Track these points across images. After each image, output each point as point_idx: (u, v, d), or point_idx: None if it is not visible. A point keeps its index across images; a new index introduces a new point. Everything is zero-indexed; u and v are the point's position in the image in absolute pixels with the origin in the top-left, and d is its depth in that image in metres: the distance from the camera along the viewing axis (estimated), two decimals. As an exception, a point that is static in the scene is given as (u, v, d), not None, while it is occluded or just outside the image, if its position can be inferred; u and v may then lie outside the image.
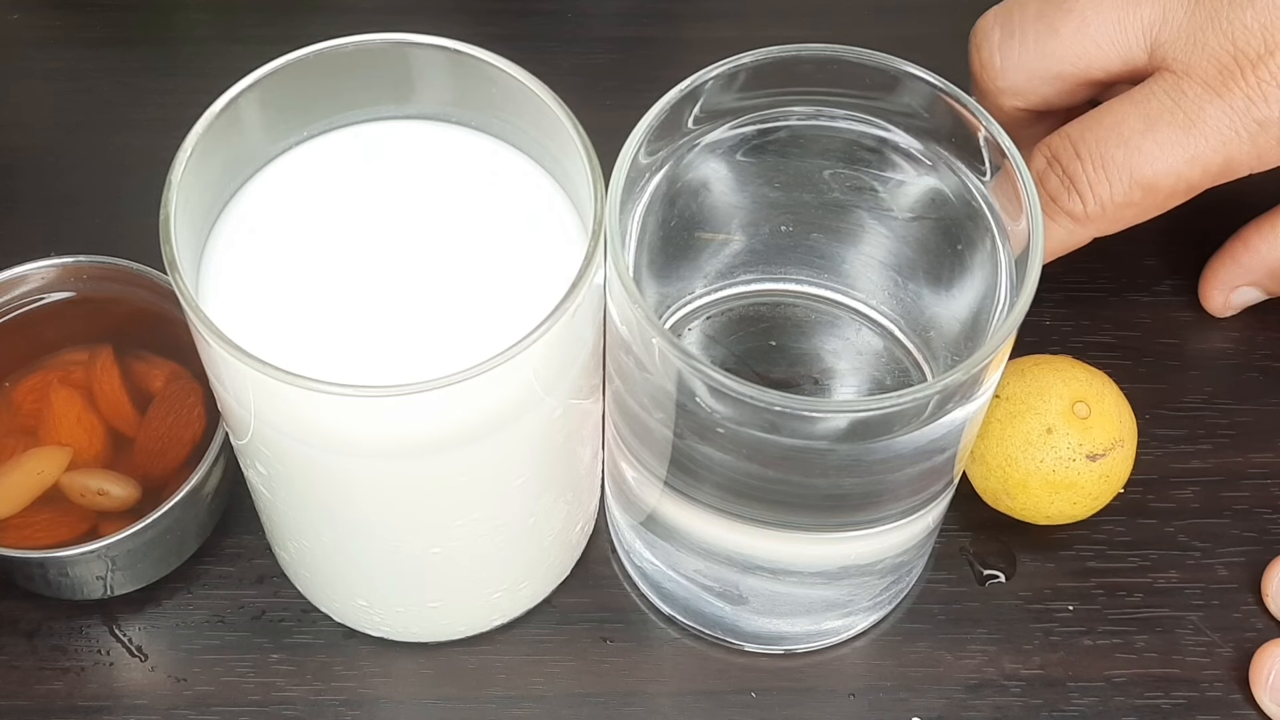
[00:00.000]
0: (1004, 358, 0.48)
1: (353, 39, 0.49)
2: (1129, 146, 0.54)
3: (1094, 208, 0.55)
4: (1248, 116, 0.53)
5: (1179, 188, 0.54)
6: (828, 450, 0.47)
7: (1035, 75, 0.56)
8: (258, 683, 0.56)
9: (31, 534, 0.55)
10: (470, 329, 0.48)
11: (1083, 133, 0.55)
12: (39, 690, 0.56)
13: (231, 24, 0.70)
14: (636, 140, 0.48)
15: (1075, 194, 0.55)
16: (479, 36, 0.50)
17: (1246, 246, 0.60)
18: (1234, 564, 0.58)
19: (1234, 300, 0.62)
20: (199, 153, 0.47)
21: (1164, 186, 0.54)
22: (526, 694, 0.56)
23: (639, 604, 0.58)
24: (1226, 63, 0.53)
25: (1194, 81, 0.53)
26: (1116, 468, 0.56)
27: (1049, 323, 0.63)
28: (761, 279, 0.54)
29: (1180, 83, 0.54)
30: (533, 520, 0.53)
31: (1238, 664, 0.56)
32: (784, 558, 0.53)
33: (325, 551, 0.53)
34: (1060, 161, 0.55)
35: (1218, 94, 0.53)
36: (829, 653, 0.57)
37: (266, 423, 0.48)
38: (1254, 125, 0.53)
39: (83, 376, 0.57)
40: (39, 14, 0.71)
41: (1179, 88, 0.54)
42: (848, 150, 0.51)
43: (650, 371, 0.47)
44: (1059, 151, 0.55)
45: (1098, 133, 0.54)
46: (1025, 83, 0.57)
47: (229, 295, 0.49)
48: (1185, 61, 0.54)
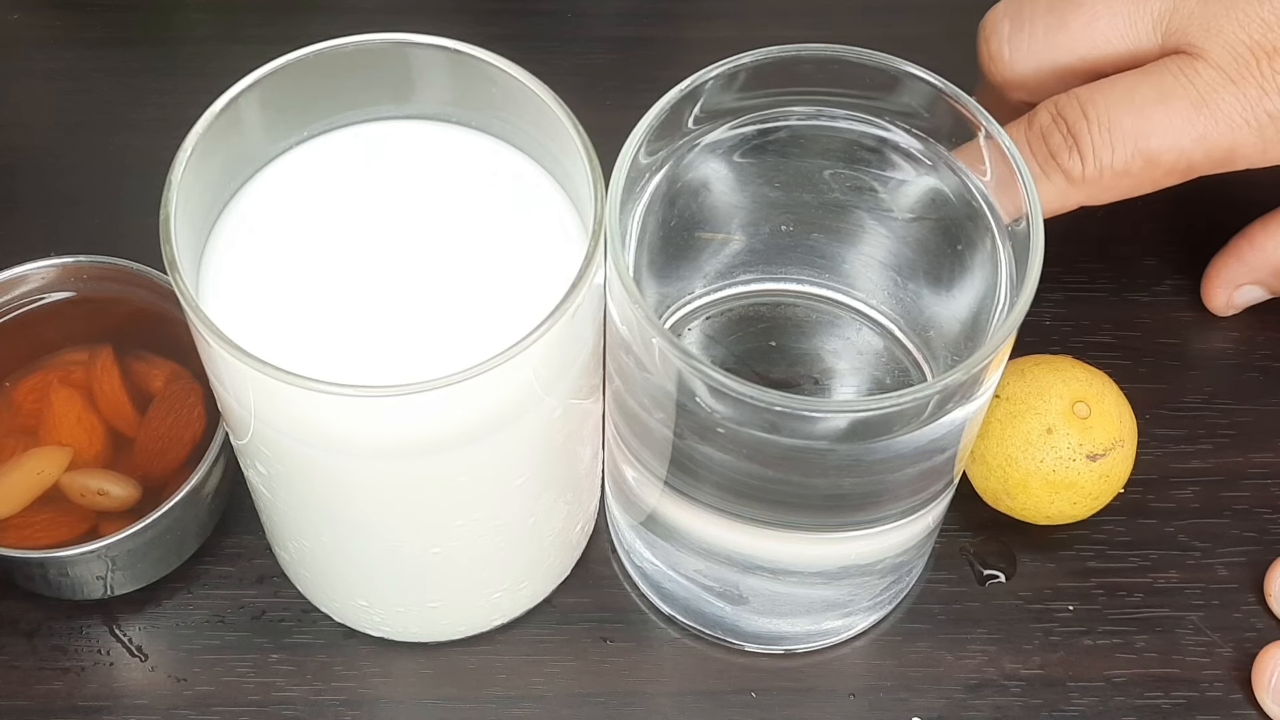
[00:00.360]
0: (1004, 358, 0.48)
1: (353, 39, 0.49)
2: (1140, 115, 0.53)
3: (1092, 170, 0.54)
4: (1259, 107, 0.53)
5: (1179, 165, 0.54)
6: (828, 450, 0.47)
7: (1044, 68, 0.56)
8: (258, 683, 0.56)
9: (31, 534, 0.55)
10: (470, 329, 0.48)
11: (1093, 95, 0.54)
12: (39, 690, 0.56)
13: (231, 24, 0.70)
14: (636, 140, 0.48)
15: (1076, 153, 0.54)
16: (479, 36, 0.50)
17: (1252, 245, 0.60)
18: (1234, 564, 0.58)
19: (1237, 299, 0.62)
20: (199, 153, 0.47)
21: (1165, 161, 0.54)
22: (526, 694, 0.56)
23: (639, 604, 0.58)
24: (1241, 52, 0.53)
25: (1209, 65, 0.53)
26: (1116, 468, 0.56)
27: (1049, 323, 0.63)
28: (761, 279, 0.54)
29: (1195, 64, 0.54)
30: (533, 520, 0.53)
31: (1238, 664, 0.56)
32: (784, 558, 0.53)
33: (325, 551, 0.53)
34: (1065, 119, 0.54)
35: (1232, 81, 0.53)
36: (829, 653, 0.57)
37: (266, 423, 0.48)
38: (1264, 116, 0.53)
39: (83, 376, 0.57)
40: (39, 14, 0.71)
41: (1194, 68, 0.53)
42: (848, 150, 0.51)
43: (650, 371, 0.47)
44: (1065, 109, 0.54)
45: (1110, 97, 0.54)
46: (1034, 75, 0.57)
47: (229, 295, 0.49)
48: (1201, 46, 0.54)
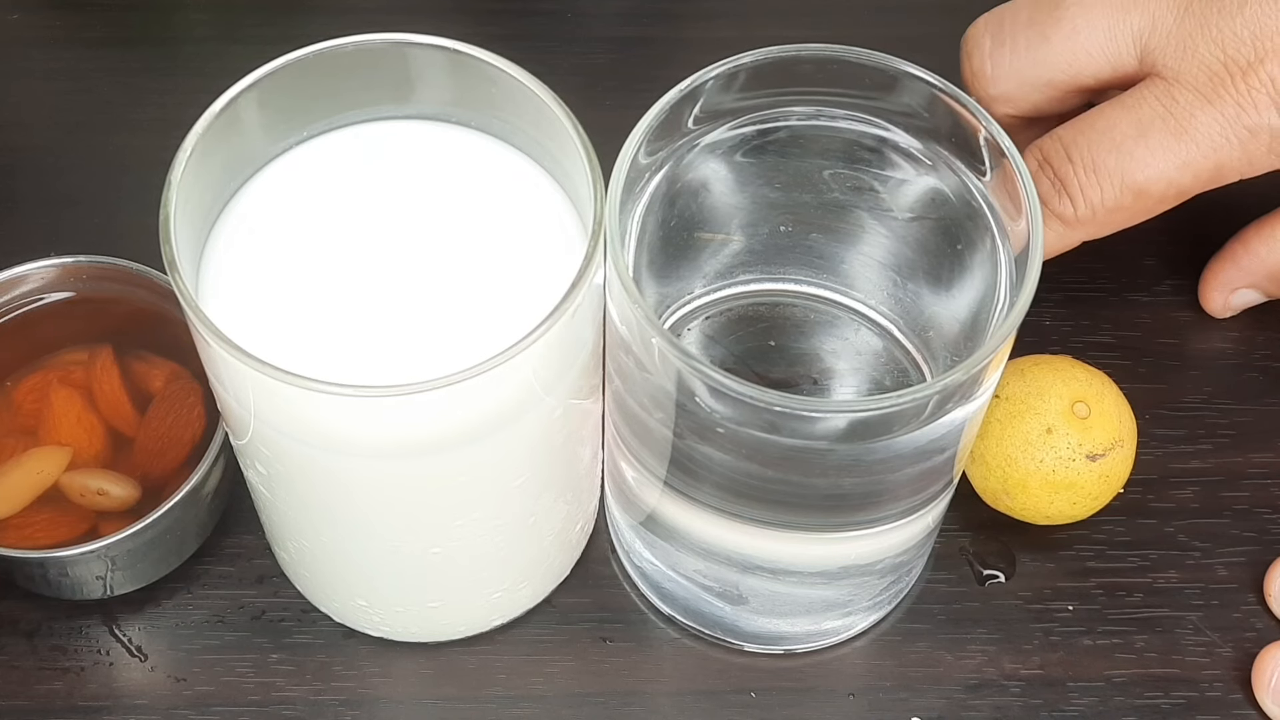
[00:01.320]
0: (1004, 358, 0.48)
1: (353, 39, 0.49)
2: (1120, 151, 0.54)
3: (1084, 211, 0.55)
4: (1238, 124, 0.53)
5: (1169, 193, 0.55)
6: (827, 450, 0.47)
7: (1026, 82, 0.57)
8: (258, 683, 0.56)
9: (31, 534, 0.55)
10: (470, 329, 0.48)
11: (1075, 137, 0.55)
12: (39, 690, 0.56)
13: (231, 24, 0.70)
14: (636, 140, 0.48)
15: (1066, 197, 0.55)
16: (479, 36, 0.50)
17: (1246, 249, 0.61)
18: (1234, 564, 0.58)
19: (1233, 302, 0.62)
20: (199, 153, 0.47)
21: (1154, 192, 0.54)
22: (526, 694, 0.56)
23: (639, 604, 0.58)
24: (1217, 70, 0.53)
25: (1185, 88, 0.53)
26: (1116, 468, 0.56)
27: (1049, 323, 0.63)
28: (761, 279, 0.54)
29: (1171, 89, 0.54)
30: (533, 520, 0.53)
31: (1238, 664, 0.56)
32: (784, 558, 0.53)
33: (325, 551, 0.53)
34: (1052, 164, 0.55)
35: (1209, 101, 0.53)
36: (829, 653, 0.57)
37: (266, 423, 0.48)
38: (1244, 132, 0.53)
39: (83, 376, 0.57)
40: (39, 14, 0.71)
41: (1170, 94, 0.54)
42: (848, 150, 0.51)
43: (650, 371, 0.47)
44: (1050, 154, 0.55)
45: (1090, 136, 0.54)
46: (1016, 90, 0.57)
47: (229, 295, 0.49)
48: (1175, 68, 0.54)
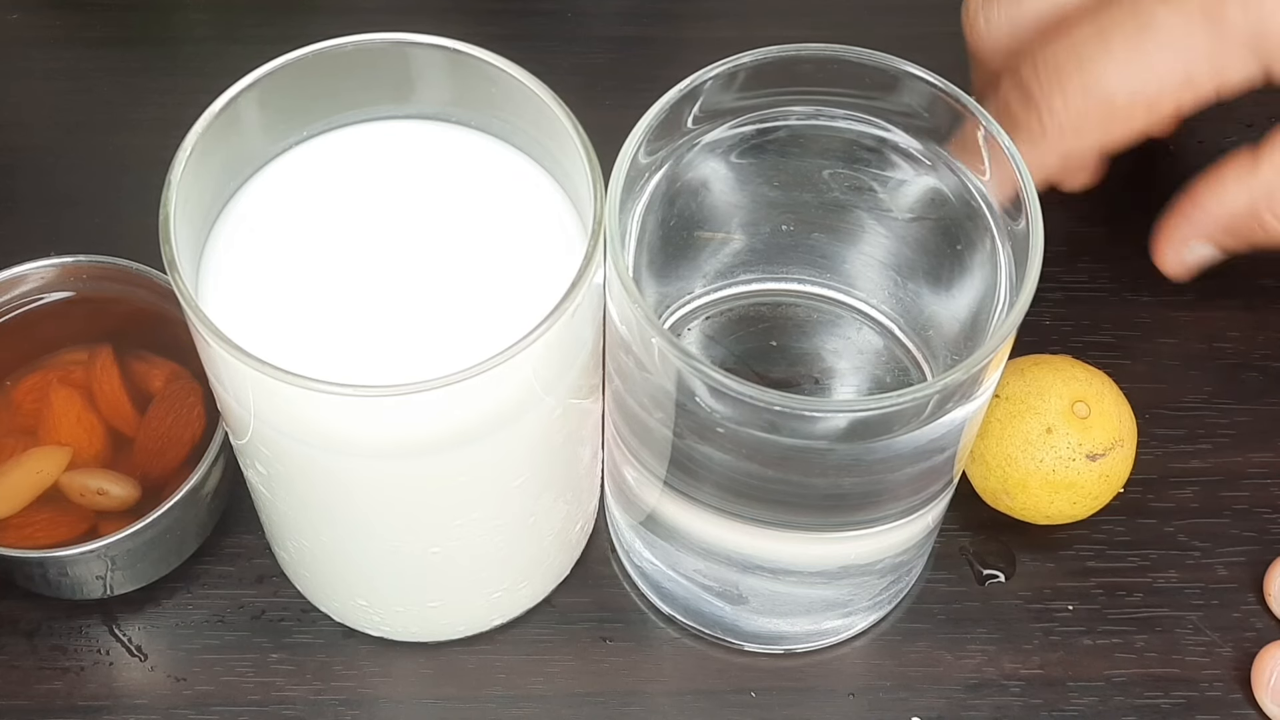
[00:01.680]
0: (1004, 357, 0.48)
1: (353, 39, 0.49)
2: (1081, 59, 0.54)
3: (1050, 122, 0.55)
4: (1200, 17, 0.53)
5: (1136, 102, 0.54)
6: (828, 450, 0.47)
7: (1020, 30, 0.57)
8: (257, 682, 0.56)
9: (31, 534, 0.55)
10: (470, 329, 0.48)
11: (1041, 49, 0.55)
12: (39, 690, 0.56)
13: (231, 24, 0.70)
14: (636, 140, 0.48)
15: (1033, 110, 0.55)
16: (479, 36, 0.50)
17: (1194, 201, 0.59)
18: (1234, 564, 0.58)
19: (1188, 258, 0.60)
20: (199, 153, 0.47)
21: (1120, 100, 0.54)
22: (526, 694, 0.56)
23: (639, 604, 0.58)
24: None
25: None
26: (1116, 468, 0.56)
27: (1049, 323, 0.63)
28: (761, 279, 0.54)
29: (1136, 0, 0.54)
30: (532, 520, 0.53)
31: (1238, 664, 0.56)
32: (784, 558, 0.53)
33: (325, 551, 0.53)
34: (1021, 77, 0.55)
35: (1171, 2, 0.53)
36: (829, 652, 0.57)
37: (266, 423, 0.48)
38: (1207, 24, 0.53)
39: (83, 376, 0.57)
40: (39, 14, 0.71)
41: (1134, 2, 0.54)
42: (847, 150, 0.51)
43: (650, 371, 0.47)
44: (1020, 68, 0.55)
45: (1054, 48, 0.55)
46: (1010, 39, 0.57)
47: (229, 295, 0.49)
48: None
